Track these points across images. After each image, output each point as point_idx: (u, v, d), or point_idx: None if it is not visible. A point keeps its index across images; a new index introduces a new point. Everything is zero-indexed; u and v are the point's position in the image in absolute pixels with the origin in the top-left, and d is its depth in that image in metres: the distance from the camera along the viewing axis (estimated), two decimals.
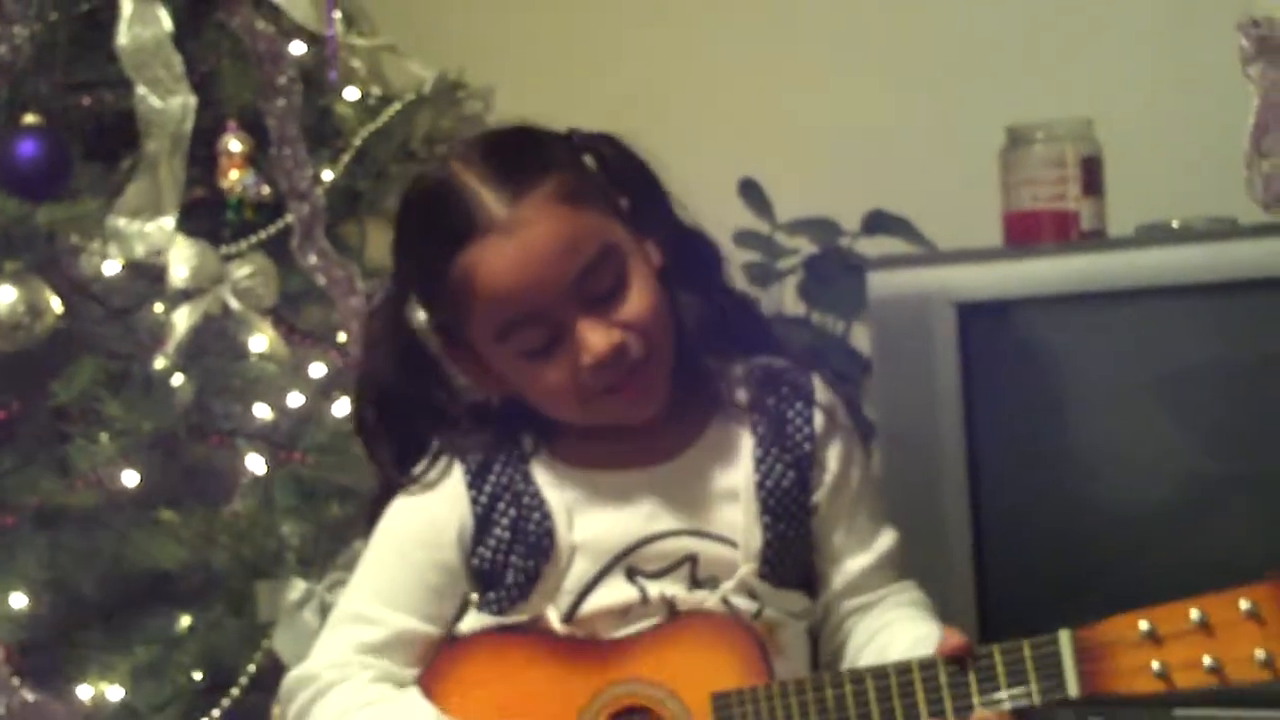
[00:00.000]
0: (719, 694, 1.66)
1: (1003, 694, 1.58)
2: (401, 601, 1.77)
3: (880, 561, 1.82)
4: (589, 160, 1.76)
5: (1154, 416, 2.15)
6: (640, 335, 1.70)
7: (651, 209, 1.78)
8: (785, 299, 2.78)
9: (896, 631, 1.76)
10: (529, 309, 1.68)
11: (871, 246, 2.68)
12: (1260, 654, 1.49)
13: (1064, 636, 1.56)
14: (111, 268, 2.42)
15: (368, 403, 1.82)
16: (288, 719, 1.79)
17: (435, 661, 1.77)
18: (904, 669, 1.62)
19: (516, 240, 1.66)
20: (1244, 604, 1.50)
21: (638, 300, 1.70)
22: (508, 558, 1.75)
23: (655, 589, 1.74)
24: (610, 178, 1.76)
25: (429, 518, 1.78)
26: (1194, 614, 1.52)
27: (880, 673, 1.62)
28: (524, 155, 1.71)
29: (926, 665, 1.61)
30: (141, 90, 2.44)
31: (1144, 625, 1.53)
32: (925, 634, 1.72)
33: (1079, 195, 2.32)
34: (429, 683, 1.76)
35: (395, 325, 1.80)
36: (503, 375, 1.75)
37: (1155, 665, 1.52)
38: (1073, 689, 1.55)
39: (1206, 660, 1.51)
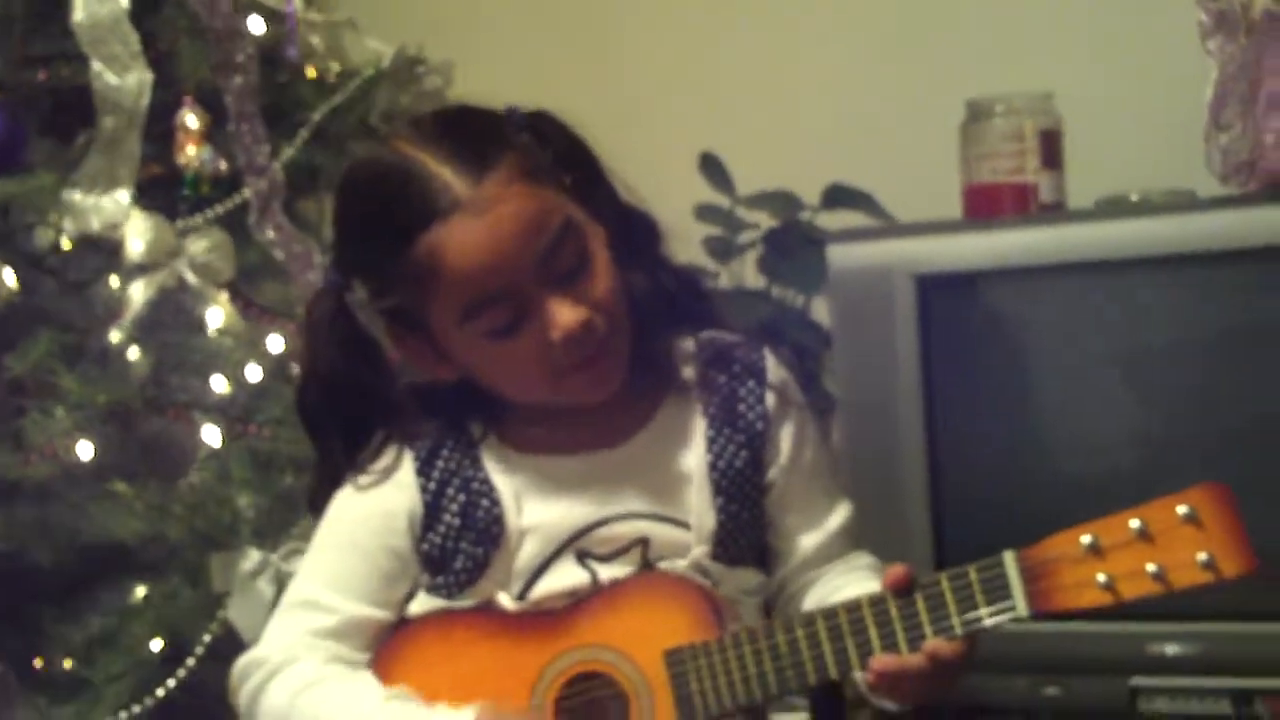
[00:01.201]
0: (671, 650, 1.66)
1: (954, 619, 1.58)
2: (353, 588, 1.76)
3: (834, 537, 1.81)
4: (526, 139, 1.73)
5: (1113, 388, 2.15)
6: (605, 313, 1.69)
7: (591, 187, 1.76)
8: (746, 273, 2.77)
9: (848, 589, 1.75)
10: (497, 287, 1.66)
11: (832, 220, 2.67)
12: (1202, 556, 1.50)
13: (1008, 556, 1.57)
14: (67, 242, 2.41)
15: (311, 389, 1.80)
16: (240, 701, 1.77)
17: (383, 645, 1.76)
18: (853, 606, 1.61)
19: (485, 219, 1.64)
20: (1181, 509, 1.51)
21: (601, 278, 1.69)
22: (457, 544, 1.74)
23: (606, 572, 1.73)
24: (551, 156, 1.74)
25: (379, 504, 1.77)
26: (1134, 524, 1.52)
27: (830, 613, 1.62)
28: (479, 133, 1.69)
29: (876, 601, 1.61)
30: (98, 66, 2.42)
31: (1086, 539, 1.54)
32: (874, 589, 1.72)
33: (1038, 168, 2.32)
34: (378, 667, 1.75)
35: (337, 312, 1.77)
36: (461, 358, 1.73)
37: (1101, 577, 1.53)
38: (1022, 608, 1.56)
39: (1150, 567, 1.51)
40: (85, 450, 2.32)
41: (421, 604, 1.77)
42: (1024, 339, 2.18)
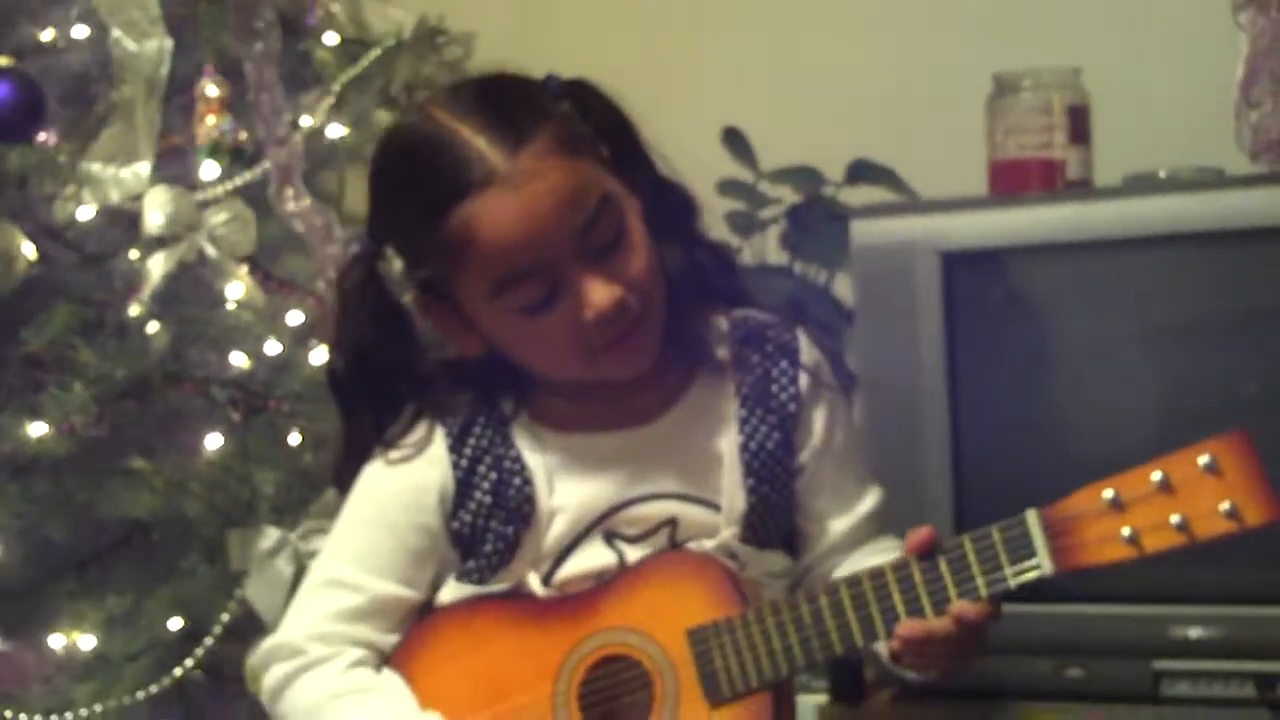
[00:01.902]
0: (695, 629, 1.65)
1: (978, 581, 1.57)
2: (381, 566, 1.74)
3: (864, 521, 1.80)
4: (565, 107, 1.71)
5: (1139, 366, 2.13)
6: (639, 290, 1.67)
7: (630, 158, 1.73)
8: (768, 248, 2.75)
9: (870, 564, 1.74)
10: (531, 263, 1.64)
11: (855, 195, 2.65)
12: (1225, 505, 1.50)
13: (1031, 515, 1.56)
14: (86, 213, 2.40)
15: (340, 358, 1.79)
16: (263, 687, 1.76)
17: (407, 636, 1.75)
18: (877, 573, 1.61)
19: (520, 193, 1.61)
20: (1202, 459, 1.51)
21: (635, 257, 1.67)
22: (488, 522, 1.73)
23: (634, 553, 1.72)
24: (591, 126, 1.72)
25: (410, 480, 1.75)
26: (1155, 476, 1.52)
27: (854, 580, 1.62)
28: (516, 103, 1.66)
29: (899, 566, 1.60)
30: (116, 34, 2.41)
31: (1108, 494, 1.53)
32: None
33: (1065, 144, 2.30)
34: (400, 658, 1.74)
35: (368, 280, 1.75)
36: (490, 332, 1.72)
37: (1125, 531, 1.53)
38: (1047, 566, 1.55)
39: (1174, 519, 1.51)
40: (103, 426, 2.31)
41: (452, 592, 1.75)
42: (1049, 316, 2.17)
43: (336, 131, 2.66)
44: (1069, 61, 2.34)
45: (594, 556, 1.72)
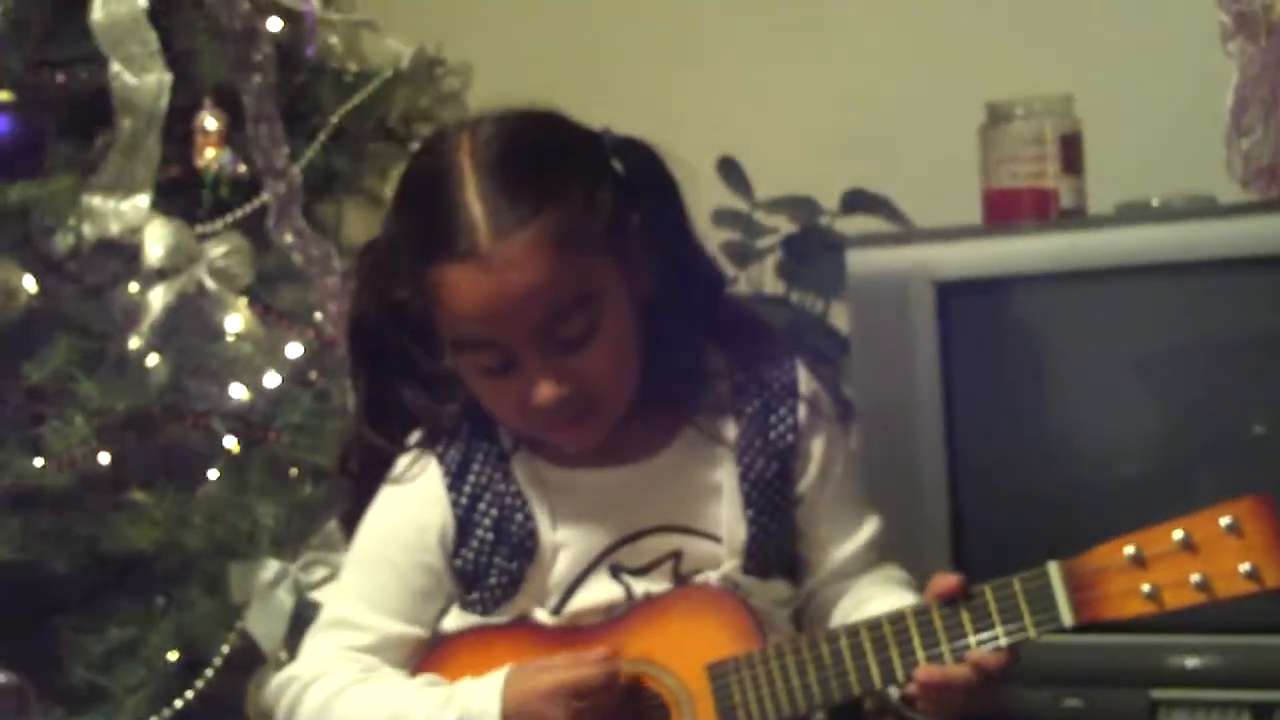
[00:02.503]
0: (715, 664, 1.66)
1: (998, 630, 1.59)
2: (387, 605, 1.76)
3: (864, 549, 1.81)
4: (616, 164, 1.71)
5: (1133, 395, 2.14)
6: (590, 388, 1.67)
7: (664, 225, 1.73)
8: (764, 278, 2.77)
9: (880, 599, 1.75)
10: (488, 341, 1.65)
11: (850, 225, 2.67)
12: (1245, 566, 1.53)
13: (1053, 567, 1.58)
14: (86, 246, 2.40)
15: (350, 336, 1.81)
16: (279, 716, 1.77)
17: (421, 660, 1.76)
18: (897, 618, 1.62)
19: (494, 277, 1.61)
20: (1224, 520, 1.54)
21: (598, 355, 1.66)
22: (491, 559, 1.74)
23: (640, 586, 1.73)
24: (630, 187, 1.71)
25: (410, 520, 1.77)
26: (1177, 534, 1.55)
27: (874, 624, 1.63)
28: (535, 175, 1.65)
29: (920, 611, 1.62)
30: (116, 67, 2.42)
31: (1129, 550, 1.56)
32: (905, 600, 1.72)
33: (1059, 173, 2.32)
34: None
35: (377, 266, 1.77)
36: (458, 371, 1.73)
37: (1145, 587, 1.55)
38: (1067, 618, 1.57)
39: (1194, 578, 1.54)
40: (104, 458, 2.31)
41: (455, 620, 1.77)
42: (1044, 345, 2.18)
43: (335, 163, 2.66)
44: (1061, 90, 2.36)
45: (601, 590, 1.73)
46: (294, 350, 2.48)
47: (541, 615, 1.73)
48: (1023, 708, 2.10)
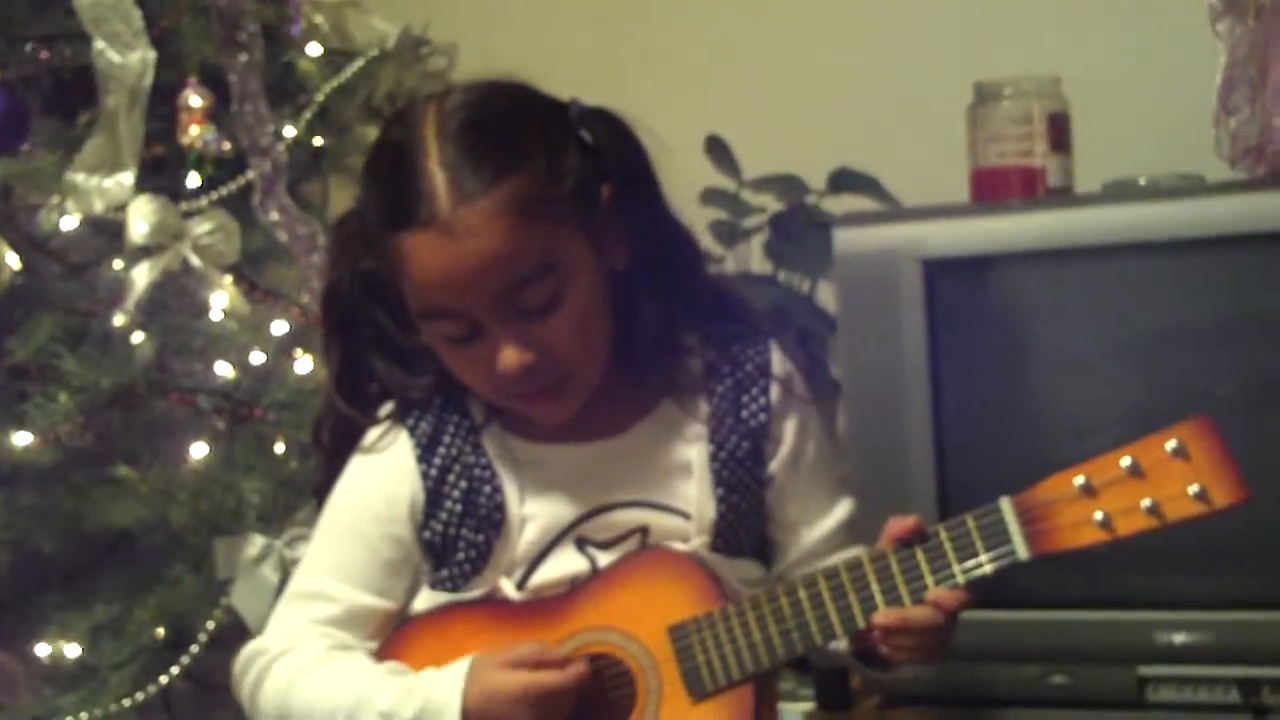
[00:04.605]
0: (675, 625, 1.66)
1: (955, 568, 1.60)
2: (355, 577, 1.76)
3: (834, 532, 1.80)
4: (585, 134, 1.70)
5: (1120, 373, 2.15)
6: (555, 358, 1.67)
7: (637, 196, 1.72)
8: (752, 257, 2.76)
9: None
10: (450, 309, 1.65)
11: (838, 204, 2.66)
12: (1193, 488, 1.54)
13: (1005, 502, 1.59)
14: (70, 224, 2.40)
15: (324, 307, 1.81)
16: (243, 692, 1.77)
17: (385, 642, 1.76)
18: (854, 564, 1.63)
19: (454, 245, 1.61)
20: (1170, 444, 1.55)
21: (564, 324, 1.66)
22: (459, 531, 1.74)
23: (605, 559, 1.73)
24: (600, 159, 1.70)
25: (380, 492, 1.76)
26: (1124, 461, 1.56)
27: (831, 572, 1.63)
28: (498, 143, 1.65)
29: (877, 556, 1.62)
30: (100, 44, 2.41)
31: (1079, 480, 1.57)
32: None
33: (1046, 152, 2.31)
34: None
35: (353, 236, 1.76)
36: (428, 341, 1.73)
37: (1097, 516, 1.56)
38: (1022, 551, 1.58)
39: (1144, 503, 1.55)
40: (88, 435, 2.31)
41: (426, 600, 1.76)
42: (1031, 323, 2.18)
43: (320, 141, 2.66)
44: (1049, 70, 2.36)
45: (566, 563, 1.73)
46: (279, 327, 2.48)
47: (508, 588, 1.72)
48: (1010, 684, 2.11)
